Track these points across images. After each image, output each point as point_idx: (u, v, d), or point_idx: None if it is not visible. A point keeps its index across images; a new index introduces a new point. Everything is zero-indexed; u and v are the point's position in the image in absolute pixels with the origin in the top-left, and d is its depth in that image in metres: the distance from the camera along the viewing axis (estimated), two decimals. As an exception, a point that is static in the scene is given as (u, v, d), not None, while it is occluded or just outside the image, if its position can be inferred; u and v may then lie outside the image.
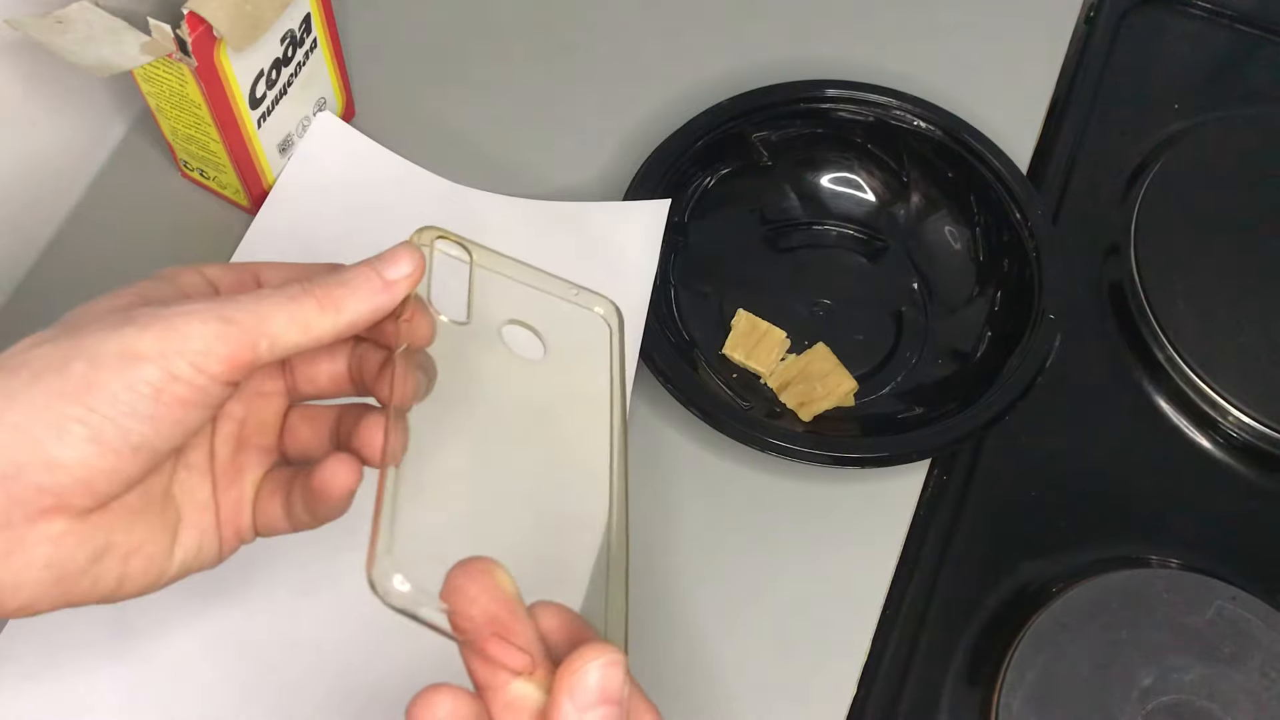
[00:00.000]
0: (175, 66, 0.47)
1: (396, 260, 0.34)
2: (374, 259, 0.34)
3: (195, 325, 0.31)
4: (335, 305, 0.33)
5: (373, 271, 0.33)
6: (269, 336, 0.32)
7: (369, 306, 0.33)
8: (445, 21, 0.63)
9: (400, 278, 0.34)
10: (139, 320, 0.31)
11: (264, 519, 0.37)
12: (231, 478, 0.36)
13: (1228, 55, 0.67)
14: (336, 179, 0.55)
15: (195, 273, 0.35)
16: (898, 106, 0.57)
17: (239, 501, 0.36)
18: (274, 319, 0.32)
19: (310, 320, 0.32)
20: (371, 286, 0.33)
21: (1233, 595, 0.49)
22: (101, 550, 0.31)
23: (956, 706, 0.48)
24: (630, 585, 0.33)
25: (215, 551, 0.36)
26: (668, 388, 0.49)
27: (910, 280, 0.57)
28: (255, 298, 0.32)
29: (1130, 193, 0.60)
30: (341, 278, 0.33)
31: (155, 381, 0.30)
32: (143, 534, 0.33)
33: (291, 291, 0.32)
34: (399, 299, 0.34)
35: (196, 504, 0.35)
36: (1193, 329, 0.56)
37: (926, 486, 0.52)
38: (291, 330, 0.32)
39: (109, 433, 0.30)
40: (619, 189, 0.55)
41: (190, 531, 0.35)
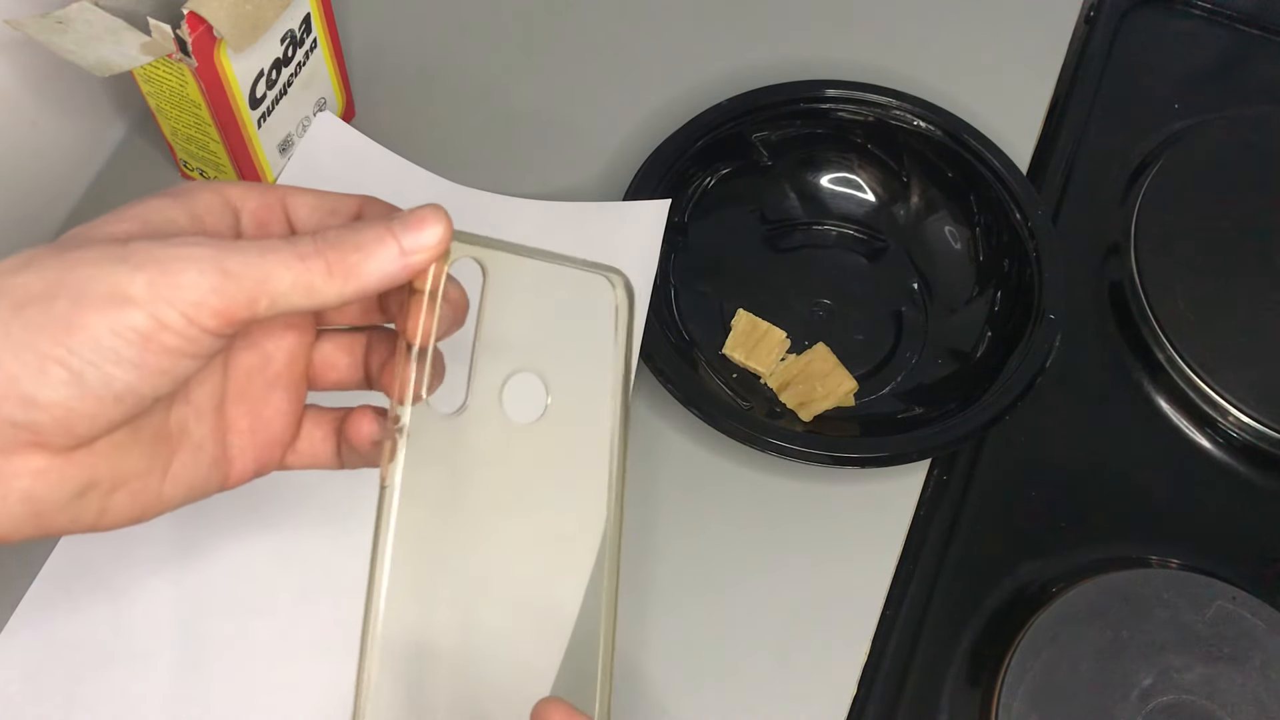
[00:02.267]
0: (175, 66, 0.47)
1: (421, 227, 0.31)
2: (396, 220, 0.31)
3: (192, 273, 0.28)
4: (345, 272, 0.30)
5: (391, 238, 0.31)
6: (270, 295, 0.29)
7: (381, 277, 0.31)
8: (445, 22, 0.63)
9: (422, 249, 0.31)
10: (133, 258, 0.28)
11: (307, 454, 0.35)
12: (254, 412, 0.34)
13: (1228, 55, 0.67)
14: (336, 179, 0.55)
15: (214, 192, 0.32)
16: (898, 106, 0.57)
17: (268, 441, 0.34)
18: (278, 278, 0.29)
19: (316, 285, 0.30)
20: (387, 255, 0.31)
21: (1233, 595, 0.49)
22: (84, 486, 0.30)
23: (956, 706, 0.48)
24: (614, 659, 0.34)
25: (217, 483, 0.34)
26: (668, 388, 0.49)
27: (910, 280, 0.57)
28: (261, 250, 0.29)
29: (1130, 193, 0.60)
30: (358, 240, 0.30)
31: (142, 328, 0.28)
32: (129, 470, 0.31)
33: (302, 249, 0.30)
34: (417, 272, 0.31)
35: (193, 440, 0.33)
36: (1193, 329, 0.56)
37: (926, 486, 0.52)
38: (295, 293, 0.30)
39: (91, 377, 0.28)
40: (619, 189, 0.55)
41: (184, 466, 0.33)
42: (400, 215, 0.31)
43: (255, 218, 0.33)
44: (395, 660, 0.32)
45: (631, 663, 0.47)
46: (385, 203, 0.35)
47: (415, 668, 0.33)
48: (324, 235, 0.30)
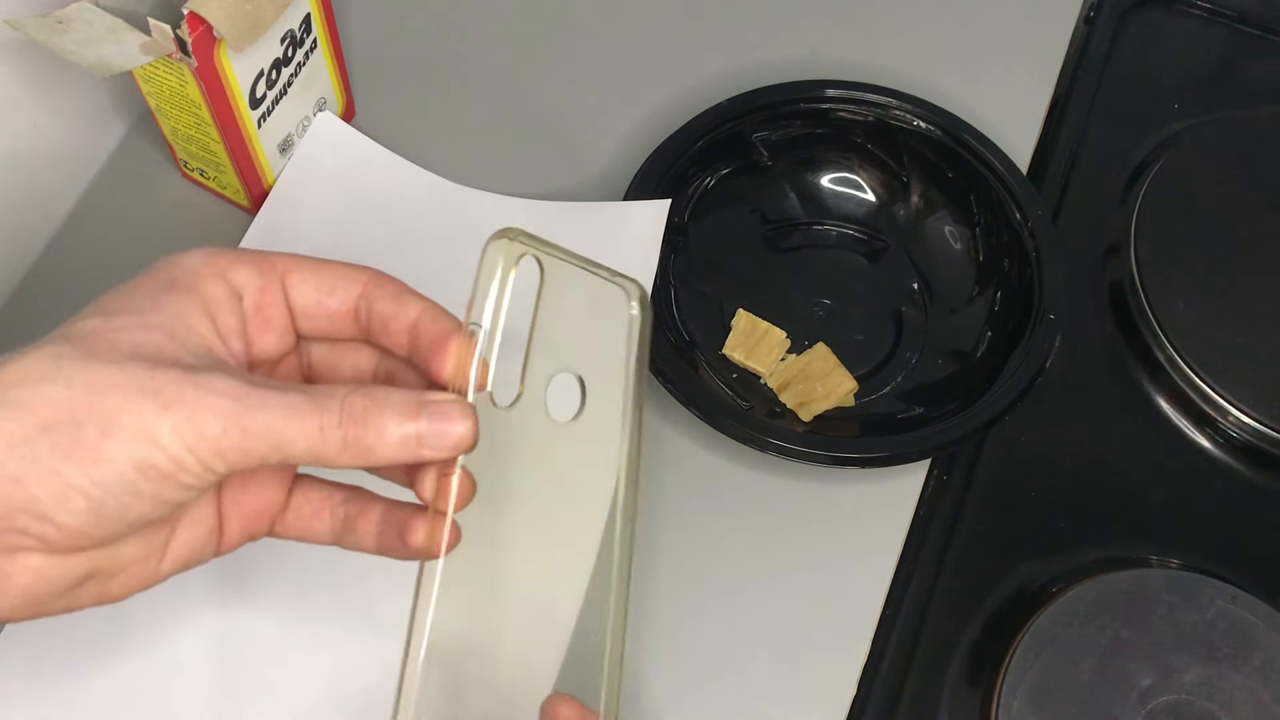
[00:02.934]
0: (175, 66, 0.47)
1: (447, 425, 0.31)
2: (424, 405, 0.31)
3: (215, 426, 0.29)
4: (359, 452, 0.31)
5: (414, 429, 0.31)
6: (281, 455, 0.30)
7: (392, 460, 0.31)
8: (445, 22, 0.63)
9: (442, 450, 0.31)
10: (163, 394, 0.29)
11: (295, 526, 0.35)
12: (240, 482, 0.34)
13: (1228, 55, 0.67)
14: (336, 179, 0.55)
15: (219, 280, 0.33)
16: (898, 106, 0.57)
17: (258, 512, 0.35)
18: (293, 445, 0.30)
19: (329, 457, 0.30)
20: (405, 445, 0.31)
21: (1233, 595, 0.49)
22: (82, 578, 0.30)
23: (956, 706, 0.48)
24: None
25: (212, 551, 0.34)
26: (668, 388, 0.49)
27: (910, 280, 0.57)
28: (284, 415, 0.30)
29: (1130, 193, 0.60)
30: (380, 423, 0.31)
31: (164, 468, 0.29)
32: (128, 558, 0.31)
33: (325, 420, 0.30)
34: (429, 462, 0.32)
35: (192, 520, 0.33)
36: (1193, 329, 0.56)
37: (926, 486, 0.52)
38: (306, 458, 0.30)
39: (109, 508, 0.29)
40: (619, 189, 0.55)
41: (182, 543, 0.33)
42: (429, 405, 0.31)
43: (256, 302, 0.33)
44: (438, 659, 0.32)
45: (631, 663, 0.47)
46: (392, 281, 0.34)
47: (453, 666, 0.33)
48: (351, 406, 0.30)
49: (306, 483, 0.36)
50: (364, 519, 0.35)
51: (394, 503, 0.35)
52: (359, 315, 0.34)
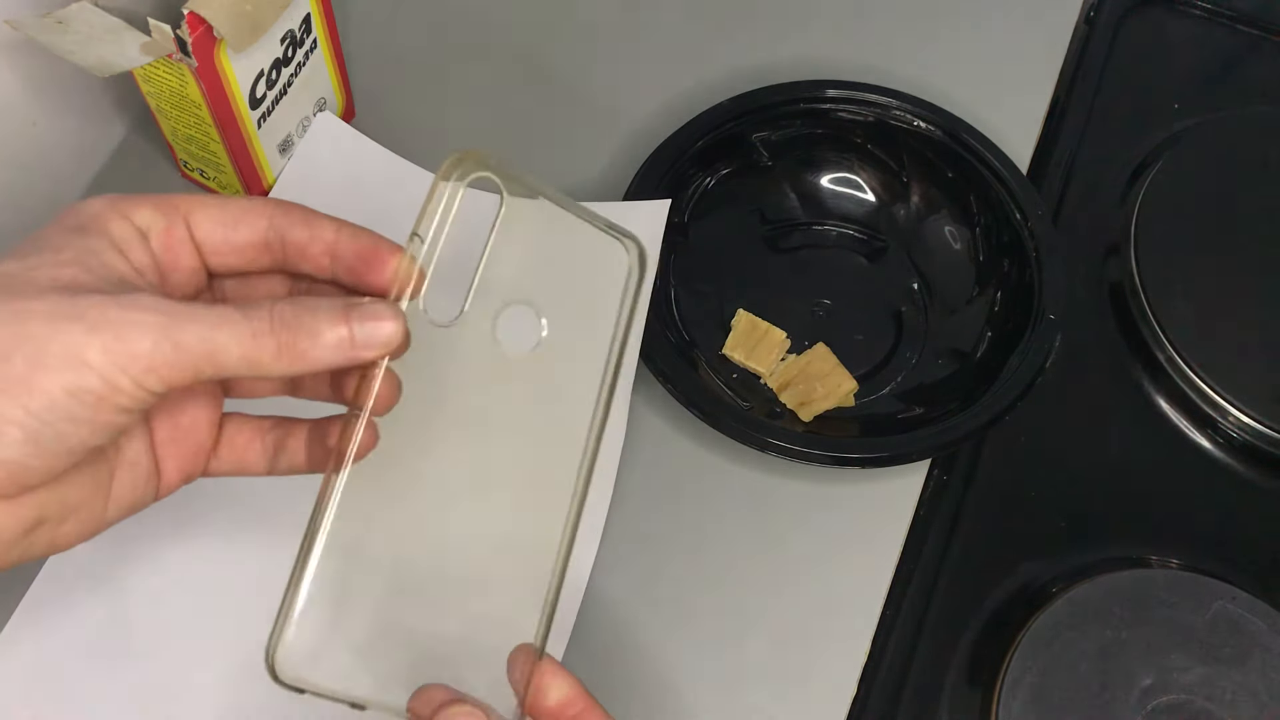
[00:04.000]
0: (175, 66, 0.47)
1: (377, 324, 0.31)
2: (352, 307, 0.31)
3: (145, 342, 0.29)
4: (293, 356, 0.31)
5: (346, 330, 0.31)
6: (215, 366, 0.30)
7: (327, 364, 0.31)
8: (445, 22, 0.63)
9: (374, 348, 0.31)
10: (87, 317, 0.29)
11: (229, 460, 0.36)
12: (172, 421, 0.34)
13: (1228, 55, 0.67)
14: (336, 179, 0.55)
15: (123, 219, 0.32)
16: (898, 106, 0.57)
17: (192, 451, 0.35)
18: (226, 352, 0.30)
19: (263, 362, 0.30)
20: (339, 346, 0.31)
21: (1233, 595, 0.49)
22: (33, 524, 0.31)
23: (956, 706, 0.48)
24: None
25: (151, 494, 0.34)
26: (668, 388, 0.49)
27: (910, 280, 0.57)
28: (214, 323, 0.30)
29: (1130, 193, 0.60)
30: (313, 325, 0.31)
31: (98, 391, 0.29)
32: (75, 500, 0.32)
33: (256, 325, 0.30)
34: (363, 364, 0.32)
35: (128, 458, 0.33)
36: (1193, 329, 0.56)
37: (926, 486, 0.52)
38: (240, 366, 0.30)
39: (46, 436, 0.29)
40: (619, 189, 0.55)
41: (123, 485, 0.33)
42: (357, 307, 0.31)
43: (162, 242, 0.33)
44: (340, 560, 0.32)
45: (631, 662, 0.47)
46: (297, 207, 0.34)
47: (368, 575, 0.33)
48: (280, 313, 0.31)
49: (235, 418, 0.36)
50: (293, 439, 0.36)
51: (321, 420, 0.36)
52: (270, 246, 0.34)
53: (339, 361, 0.31)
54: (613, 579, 0.48)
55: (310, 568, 0.32)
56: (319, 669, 0.32)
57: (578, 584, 0.47)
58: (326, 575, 0.32)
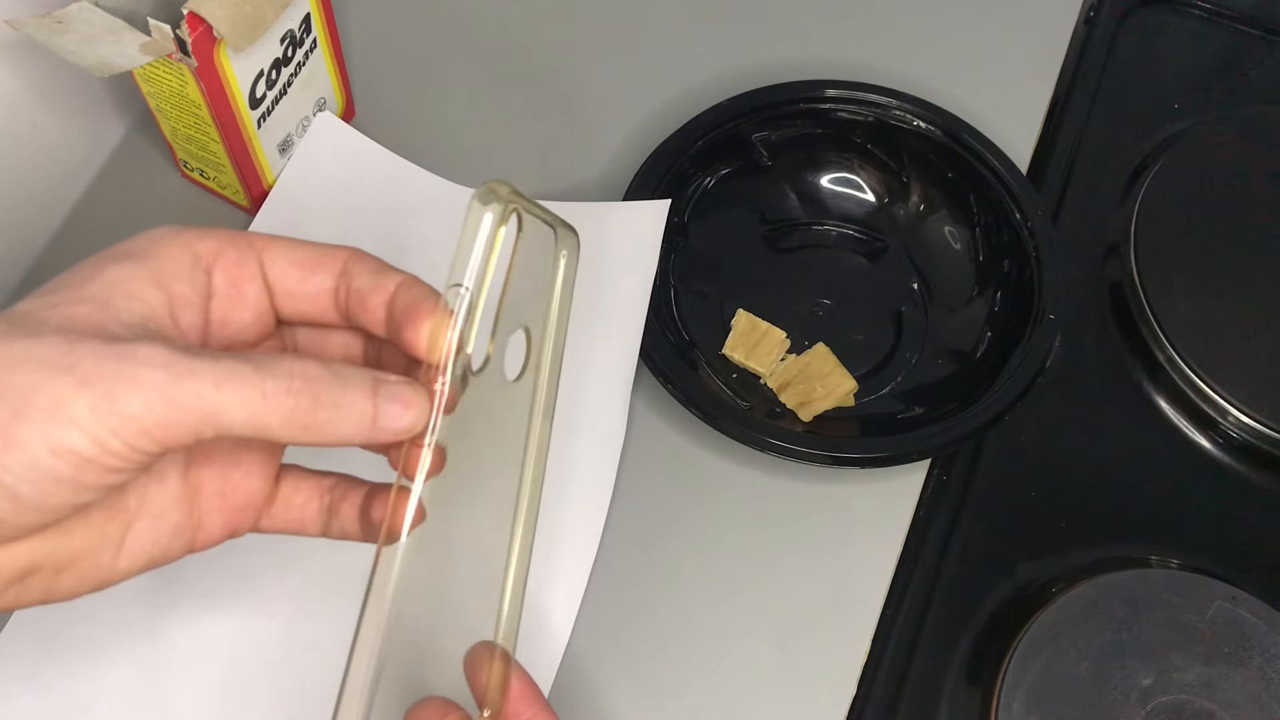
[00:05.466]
0: (175, 66, 0.47)
1: (401, 412, 0.29)
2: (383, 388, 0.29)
3: (137, 403, 0.26)
4: (306, 426, 0.28)
5: (370, 406, 0.29)
6: (217, 427, 0.27)
7: (346, 441, 0.29)
8: (445, 22, 0.63)
9: (395, 434, 0.29)
10: (80, 368, 0.26)
11: (284, 519, 0.33)
12: (223, 475, 0.32)
13: (1228, 55, 0.67)
14: (336, 179, 0.55)
15: (184, 248, 0.30)
16: (898, 106, 0.57)
17: (241, 505, 0.33)
18: (230, 414, 0.27)
19: (271, 428, 0.28)
20: (360, 425, 0.29)
21: (1233, 595, 0.49)
22: (23, 573, 0.28)
23: (956, 706, 0.48)
24: None
25: (181, 548, 0.32)
26: (668, 388, 0.49)
27: (910, 280, 0.57)
28: (218, 380, 0.27)
29: (1130, 193, 0.60)
30: (335, 398, 0.28)
31: (83, 451, 0.26)
32: (75, 550, 0.29)
33: (268, 386, 0.27)
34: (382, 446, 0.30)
35: (153, 510, 0.31)
36: (1193, 329, 0.56)
37: (926, 486, 0.52)
38: (246, 429, 0.28)
39: (25, 494, 0.26)
40: (619, 189, 0.55)
41: (141, 537, 0.31)
42: (384, 384, 0.29)
43: (228, 276, 0.31)
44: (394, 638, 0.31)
45: (631, 663, 0.47)
46: (371, 258, 0.32)
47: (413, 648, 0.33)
48: (302, 373, 0.28)
49: (295, 472, 0.34)
50: (347, 503, 0.34)
51: (373, 487, 0.34)
52: (339, 296, 0.32)
53: (358, 439, 0.29)
54: (612, 578, 0.48)
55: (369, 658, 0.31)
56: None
57: (577, 584, 0.47)
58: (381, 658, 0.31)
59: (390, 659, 0.31)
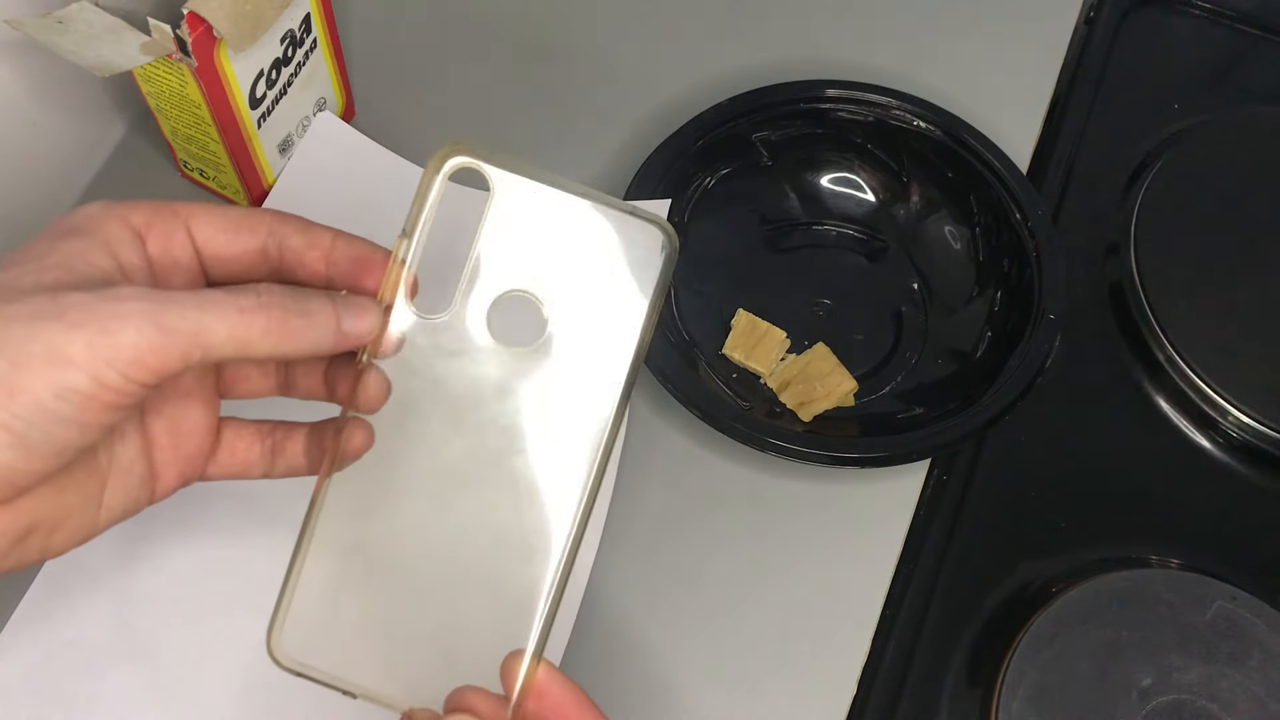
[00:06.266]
0: (175, 66, 0.47)
1: (361, 315, 0.32)
2: (341, 299, 0.32)
3: (130, 332, 0.28)
4: (282, 333, 0.31)
5: (333, 314, 0.32)
6: (203, 348, 0.29)
7: (314, 347, 0.31)
8: (445, 22, 0.63)
9: (358, 334, 0.32)
10: (69, 315, 0.28)
11: (229, 464, 0.36)
12: (173, 427, 0.34)
13: (1228, 55, 0.67)
14: (336, 179, 0.55)
15: (120, 221, 0.32)
16: (898, 106, 0.57)
17: (190, 455, 0.35)
18: (214, 331, 0.29)
19: (252, 341, 0.30)
20: (327, 329, 0.31)
21: (1233, 595, 0.49)
22: (25, 532, 0.30)
23: (956, 706, 0.48)
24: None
25: (146, 499, 0.34)
26: (668, 388, 0.49)
27: (910, 280, 0.57)
28: (198, 304, 0.29)
29: (1130, 193, 0.60)
30: (302, 307, 0.31)
31: (84, 389, 0.28)
32: (67, 508, 0.31)
33: (242, 302, 0.30)
34: (347, 349, 0.32)
35: (122, 465, 0.33)
36: (1193, 329, 0.56)
37: (926, 486, 0.52)
38: (229, 346, 0.30)
39: (34, 438, 0.28)
40: (619, 189, 0.55)
41: (115, 492, 0.33)
42: (344, 299, 0.32)
43: (161, 245, 0.33)
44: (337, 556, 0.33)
45: (631, 663, 0.47)
46: (294, 217, 0.35)
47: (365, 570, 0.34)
48: (269, 291, 0.31)
49: (234, 422, 0.36)
50: (291, 441, 0.36)
51: (320, 422, 0.36)
52: (268, 254, 0.34)
53: (326, 343, 0.32)
54: (612, 578, 0.48)
55: (304, 561, 0.32)
56: (316, 656, 0.33)
57: (578, 584, 0.47)
58: (322, 569, 0.33)
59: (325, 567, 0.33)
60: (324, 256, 0.34)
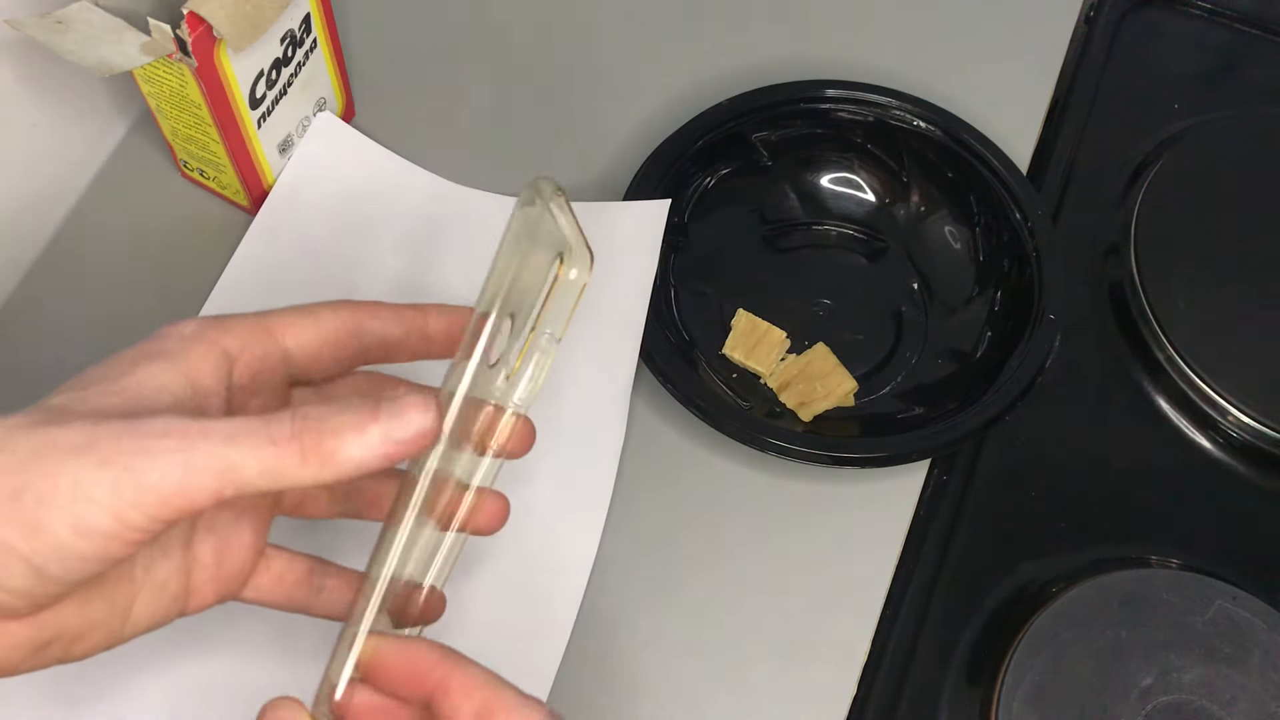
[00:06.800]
0: (175, 66, 0.47)
1: (406, 416, 0.29)
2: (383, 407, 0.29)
3: (155, 472, 0.27)
4: (321, 459, 0.28)
5: (376, 427, 0.29)
6: (235, 484, 0.28)
7: (359, 466, 0.29)
8: (445, 21, 0.63)
9: (408, 441, 0.29)
10: (99, 448, 0.27)
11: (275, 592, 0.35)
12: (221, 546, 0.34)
13: (1228, 55, 0.67)
14: (336, 179, 0.55)
15: (210, 346, 0.32)
16: (898, 106, 0.57)
17: (230, 569, 0.34)
18: (246, 466, 0.28)
19: (287, 471, 0.28)
20: (370, 445, 0.29)
21: (1233, 595, 0.49)
22: (47, 642, 0.30)
23: (956, 706, 0.48)
24: None
25: (176, 613, 0.33)
26: (668, 388, 0.49)
27: (910, 280, 0.57)
28: (229, 437, 0.28)
29: (1130, 193, 0.60)
30: (337, 424, 0.29)
31: (105, 530, 0.27)
32: (92, 620, 0.31)
33: (276, 431, 0.28)
34: (396, 462, 0.29)
35: (157, 580, 0.32)
36: (1193, 329, 0.56)
37: (926, 486, 0.52)
38: (263, 480, 0.28)
39: (53, 570, 0.28)
40: (619, 189, 0.55)
41: (146, 605, 0.32)
42: (388, 402, 0.29)
43: (249, 369, 0.33)
44: None
45: (630, 662, 0.47)
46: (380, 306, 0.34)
47: None
48: (304, 415, 0.29)
49: (285, 552, 0.36)
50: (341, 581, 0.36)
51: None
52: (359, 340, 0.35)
53: (372, 461, 0.29)
54: (612, 579, 0.48)
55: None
56: None
57: (577, 584, 0.47)
58: None
59: None
60: (419, 331, 0.34)
